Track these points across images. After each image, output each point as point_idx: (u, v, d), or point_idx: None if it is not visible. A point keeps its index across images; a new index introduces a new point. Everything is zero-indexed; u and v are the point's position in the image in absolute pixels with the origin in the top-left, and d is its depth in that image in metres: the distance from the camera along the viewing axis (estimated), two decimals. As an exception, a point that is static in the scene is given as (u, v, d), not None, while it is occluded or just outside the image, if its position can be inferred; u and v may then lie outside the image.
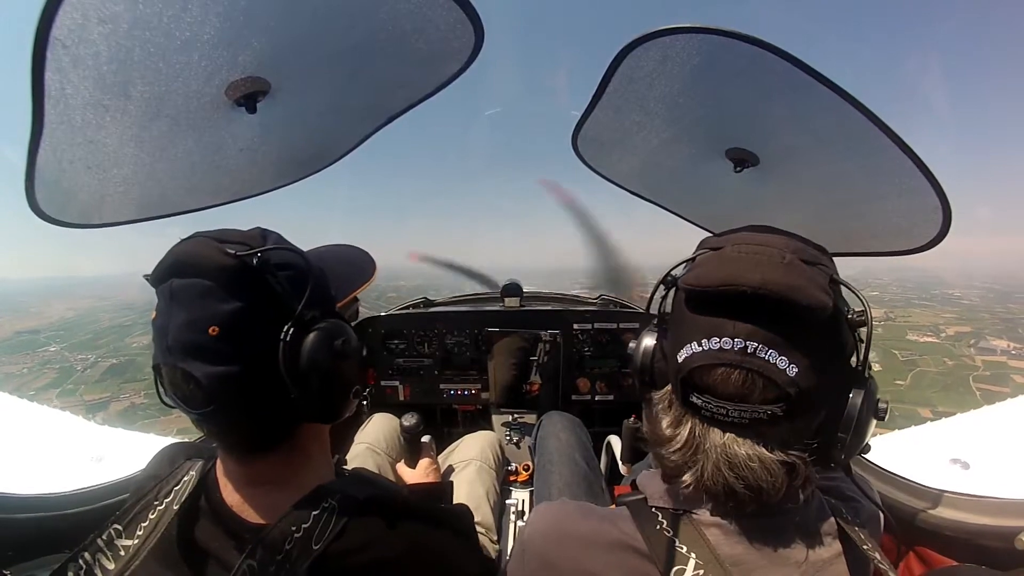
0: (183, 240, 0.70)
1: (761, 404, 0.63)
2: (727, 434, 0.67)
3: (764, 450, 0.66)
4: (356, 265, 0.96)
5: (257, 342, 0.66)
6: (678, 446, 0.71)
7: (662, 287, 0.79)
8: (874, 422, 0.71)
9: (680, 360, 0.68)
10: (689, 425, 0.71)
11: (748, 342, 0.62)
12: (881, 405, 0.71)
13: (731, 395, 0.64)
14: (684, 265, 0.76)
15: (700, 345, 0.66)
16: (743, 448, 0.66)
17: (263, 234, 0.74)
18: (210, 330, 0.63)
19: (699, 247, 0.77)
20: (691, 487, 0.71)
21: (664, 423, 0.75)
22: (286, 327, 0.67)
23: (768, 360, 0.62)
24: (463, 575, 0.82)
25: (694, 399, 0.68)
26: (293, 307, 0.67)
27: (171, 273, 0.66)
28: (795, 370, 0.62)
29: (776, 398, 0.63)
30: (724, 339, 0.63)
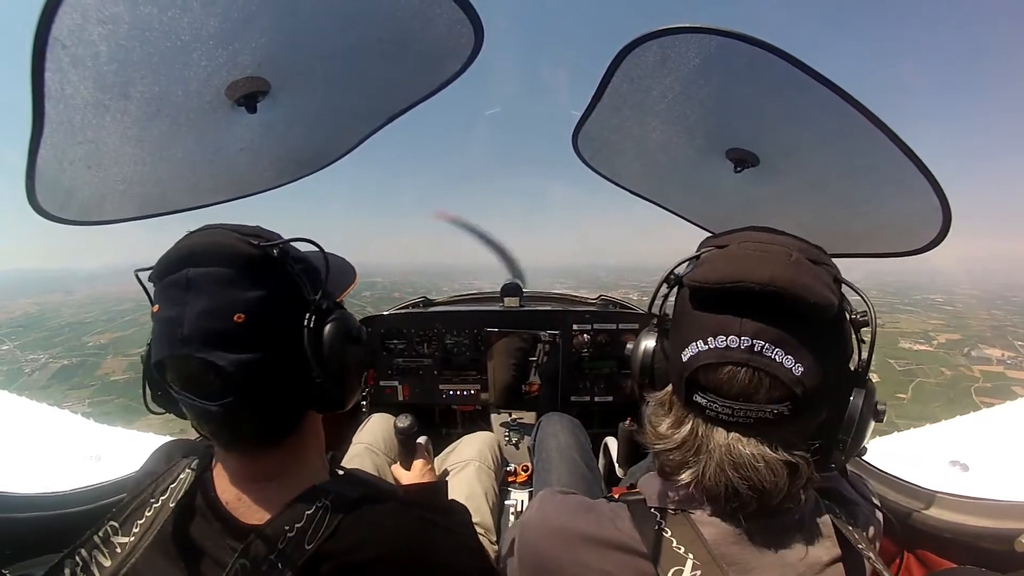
0: (194, 231, 0.72)
1: (767, 403, 0.63)
2: (731, 434, 0.66)
3: (768, 450, 0.65)
4: (341, 270, 0.98)
5: (279, 330, 0.68)
6: (677, 444, 0.71)
7: (664, 286, 0.78)
8: (873, 424, 0.71)
9: (685, 359, 0.67)
10: (691, 425, 0.70)
11: (755, 340, 0.62)
12: (880, 407, 0.71)
13: (737, 394, 0.64)
14: (687, 263, 0.76)
15: (706, 344, 0.65)
16: (748, 448, 0.65)
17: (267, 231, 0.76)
18: (235, 317, 0.63)
19: (701, 246, 0.77)
20: (690, 486, 0.71)
21: (664, 424, 0.74)
22: (308, 315, 0.69)
23: (775, 359, 0.61)
24: (459, 574, 0.81)
25: (698, 398, 0.67)
26: (310, 297, 0.71)
27: (187, 263, 0.66)
28: (800, 369, 0.61)
29: (782, 397, 0.63)
30: (731, 337, 0.63)
